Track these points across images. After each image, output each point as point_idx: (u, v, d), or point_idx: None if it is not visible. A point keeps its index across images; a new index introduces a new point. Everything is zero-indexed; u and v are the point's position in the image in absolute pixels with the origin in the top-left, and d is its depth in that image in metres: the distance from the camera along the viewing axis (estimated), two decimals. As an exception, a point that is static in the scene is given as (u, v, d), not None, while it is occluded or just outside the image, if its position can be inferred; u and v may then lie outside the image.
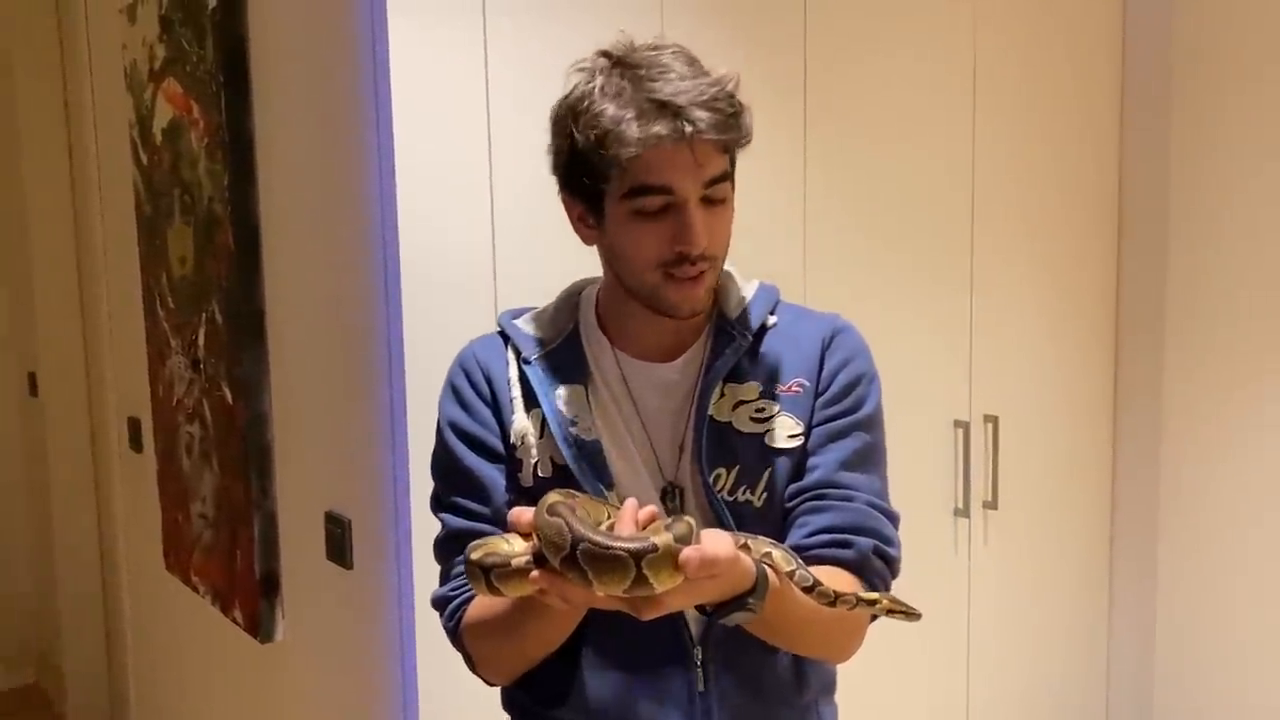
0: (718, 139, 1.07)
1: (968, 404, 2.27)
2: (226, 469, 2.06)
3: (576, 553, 0.88)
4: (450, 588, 1.18)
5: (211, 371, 2.08)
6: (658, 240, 1.10)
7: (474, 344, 1.23)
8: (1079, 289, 2.46)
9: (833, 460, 1.18)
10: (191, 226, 2.11)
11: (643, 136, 1.05)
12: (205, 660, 2.45)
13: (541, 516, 0.92)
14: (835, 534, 1.15)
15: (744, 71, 1.72)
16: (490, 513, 1.16)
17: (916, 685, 2.27)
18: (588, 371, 1.19)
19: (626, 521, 0.94)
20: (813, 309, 1.30)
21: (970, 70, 2.19)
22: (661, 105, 1.06)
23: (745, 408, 1.18)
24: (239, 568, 2.04)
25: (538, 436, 1.16)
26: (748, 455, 1.16)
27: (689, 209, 1.09)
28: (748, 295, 1.25)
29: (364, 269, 1.65)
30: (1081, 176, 2.44)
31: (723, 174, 1.11)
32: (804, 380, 1.20)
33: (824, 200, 1.99)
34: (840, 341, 1.23)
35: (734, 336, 1.19)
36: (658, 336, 1.19)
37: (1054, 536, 2.49)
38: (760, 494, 1.16)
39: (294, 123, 1.84)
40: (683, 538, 0.91)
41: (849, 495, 1.17)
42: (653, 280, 1.12)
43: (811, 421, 1.19)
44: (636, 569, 0.88)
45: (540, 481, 1.16)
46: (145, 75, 2.26)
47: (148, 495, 2.56)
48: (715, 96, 1.07)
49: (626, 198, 1.09)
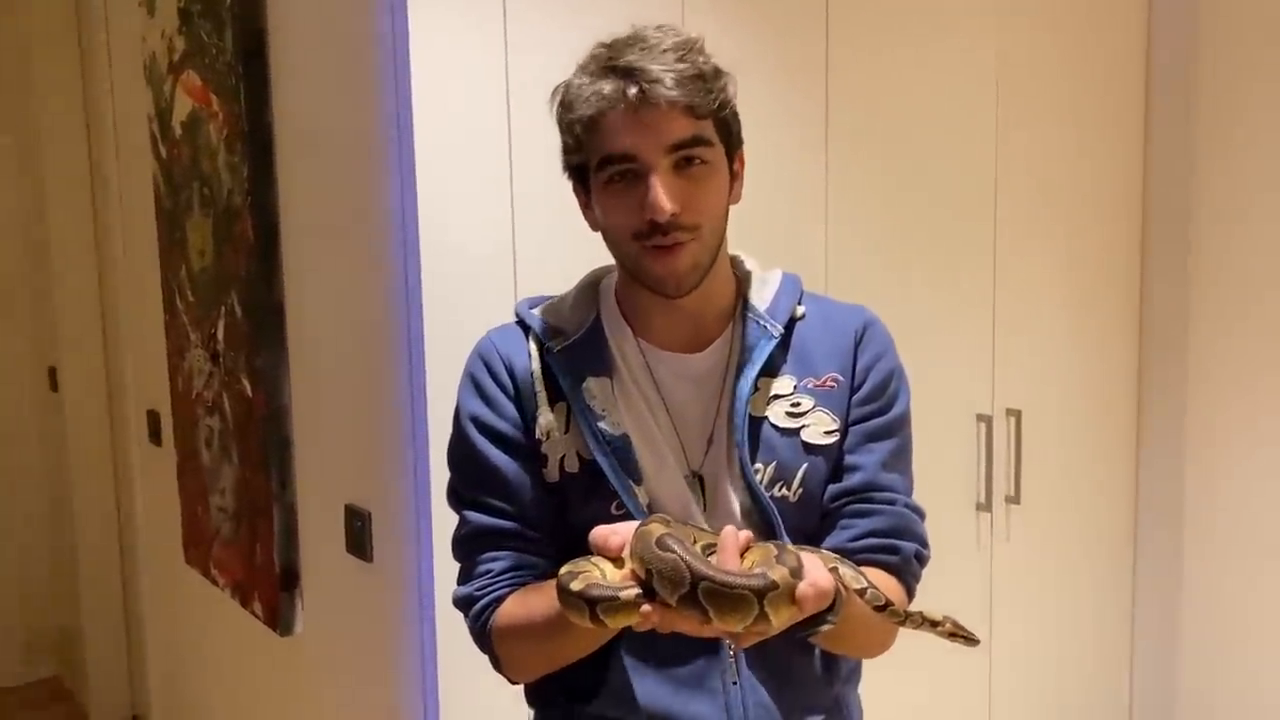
0: (671, 96, 1.05)
1: (990, 398, 2.25)
2: (246, 462, 2.06)
3: (697, 591, 0.88)
4: (476, 587, 1.15)
5: (231, 364, 2.08)
6: (628, 209, 1.08)
7: (492, 334, 1.21)
8: (1103, 282, 2.44)
9: (874, 462, 1.17)
10: (211, 219, 2.11)
11: (588, 96, 1.07)
12: (225, 652, 2.46)
13: (651, 550, 0.91)
14: (881, 538, 1.15)
15: (766, 61, 1.72)
16: (515, 509, 1.15)
17: (939, 680, 2.25)
18: (613, 363, 1.16)
19: (731, 552, 0.94)
20: (836, 299, 1.28)
21: (994, 61, 2.17)
22: (614, 69, 1.07)
23: (780, 402, 1.16)
24: (259, 560, 2.04)
25: (563, 431, 1.14)
26: (784, 451, 1.15)
27: (653, 175, 1.07)
28: (773, 285, 1.22)
29: (384, 261, 1.64)
30: (1106, 168, 2.41)
31: (692, 139, 1.08)
32: (839, 375, 1.18)
33: (846, 193, 1.98)
34: (872, 335, 1.21)
35: (765, 328, 1.17)
36: (681, 325, 1.17)
37: (1077, 531, 2.47)
38: (796, 490, 1.15)
39: (314, 115, 1.84)
40: (796, 571, 0.91)
41: (891, 498, 1.17)
42: (632, 252, 1.10)
43: (848, 418, 1.17)
44: (759, 606, 0.88)
45: (567, 477, 1.14)
46: (164, 68, 2.26)
47: (167, 488, 2.56)
48: (675, 60, 1.06)
49: (599, 170, 1.10)
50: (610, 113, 1.06)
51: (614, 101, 1.06)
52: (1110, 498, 2.53)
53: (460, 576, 1.19)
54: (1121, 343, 2.50)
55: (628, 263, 1.13)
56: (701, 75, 1.08)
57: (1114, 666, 2.58)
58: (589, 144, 1.09)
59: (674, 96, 1.05)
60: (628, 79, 1.05)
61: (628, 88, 1.05)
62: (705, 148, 1.09)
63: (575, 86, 1.09)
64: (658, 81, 1.05)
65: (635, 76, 1.05)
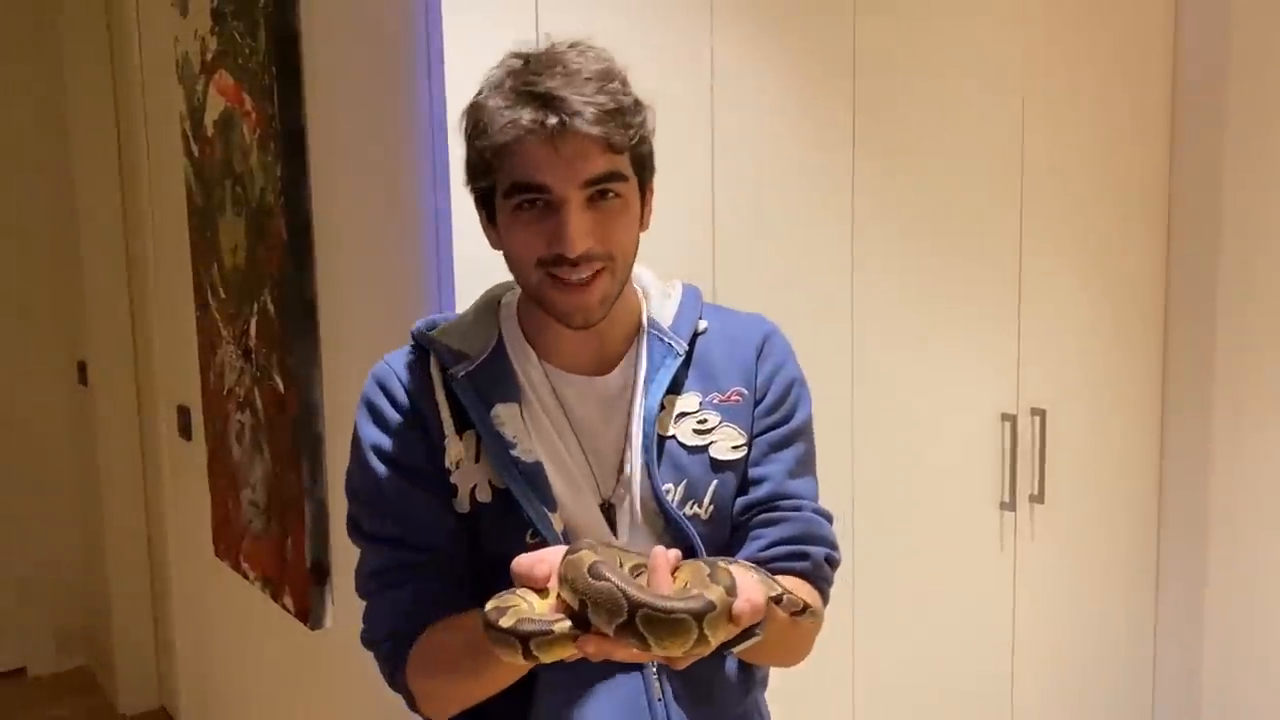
0: (590, 132, 1.02)
1: (1015, 397, 2.25)
2: (278, 457, 2.09)
3: (635, 619, 0.86)
4: (384, 622, 1.12)
5: (263, 361, 2.11)
6: (535, 237, 1.05)
7: (390, 359, 1.16)
8: (1128, 280, 2.43)
9: (780, 471, 1.17)
10: (243, 218, 2.14)
11: (504, 124, 1.02)
12: (254, 646, 2.48)
13: (584, 580, 0.88)
14: (791, 545, 1.15)
15: (792, 53, 1.69)
16: (422, 539, 1.11)
17: (962, 681, 2.25)
18: (519, 387, 1.13)
19: (663, 573, 0.92)
20: (733, 309, 1.27)
21: (1020, 61, 2.17)
22: (533, 96, 1.03)
23: (687, 420, 1.15)
24: (289, 555, 2.07)
25: (473, 461, 1.11)
26: (693, 469, 1.14)
27: (566, 209, 1.04)
28: (675, 300, 1.20)
29: (417, 259, 1.65)
30: (1131, 167, 2.41)
31: (607, 174, 1.05)
32: (742, 389, 1.18)
33: (871, 193, 1.98)
34: (772, 346, 1.21)
35: (669, 345, 1.16)
36: (585, 347, 1.14)
37: (1101, 531, 2.46)
38: (707, 508, 1.15)
39: (346, 113, 1.85)
40: (731, 589, 0.90)
41: (798, 505, 1.17)
42: (536, 281, 1.07)
43: (752, 430, 1.18)
44: (699, 629, 0.86)
45: (479, 507, 1.11)
46: (197, 68, 2.29)
47: (197, 483, 2.59)
48: (595, 91, 1.03)
49: (507, 196, 1.06)
50: (526, 141, 1.02)
51: (531, 131, 1.01)
52: (1134, 497, 2.52)
53: (366, 614, 1.14)
54: (1146, 342, 2.49)
55: (533, 291, 1.09)
56: (621, 109, 1.04)
57: (1137, 666, 2.58)
58: (500, 169, 1.06)
59: (593, 133, 1.02)
60: (547, 109, 1.01)
61: (547, 118, 1.01)
62: (620, 182, 1.06)
63: (491, 110, 1.04)
64: (577, 114, 1.01)
65: (555, 106, 1.01)
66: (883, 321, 2.02)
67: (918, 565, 2.14)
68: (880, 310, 2.02)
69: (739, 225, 1.82)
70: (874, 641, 2.07)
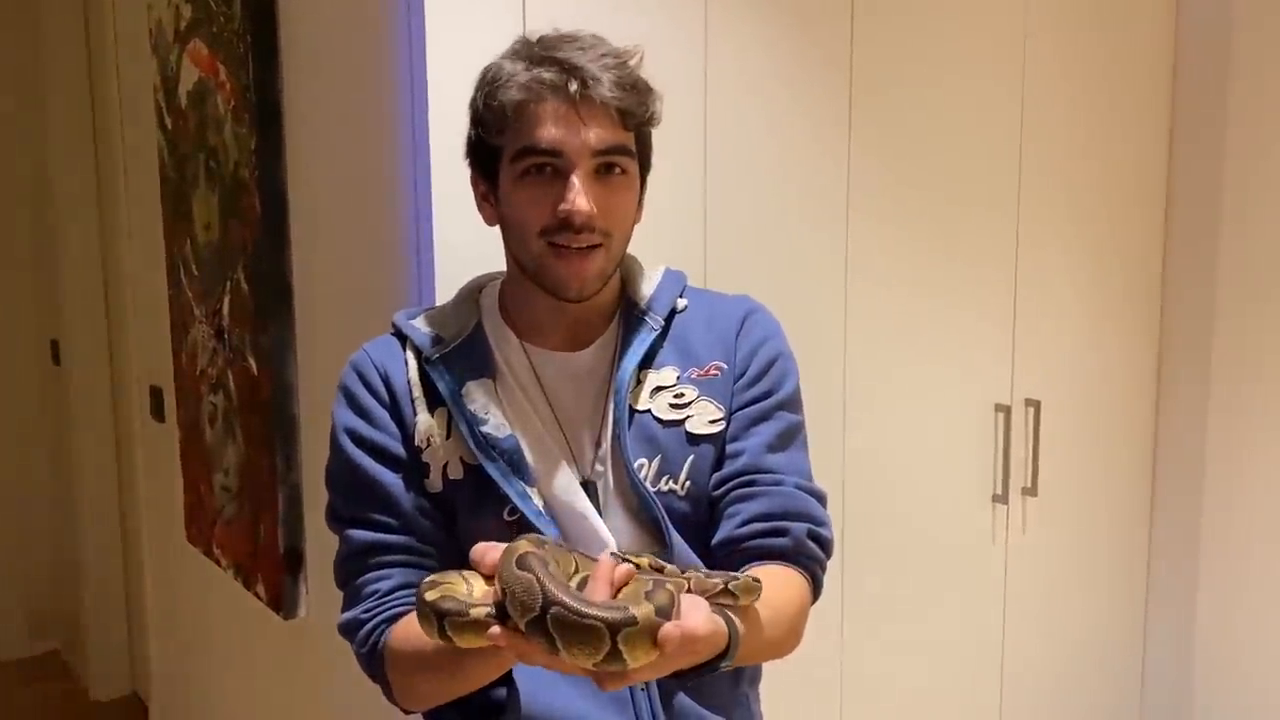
0: (608, 98, 1.04)
1: (1009, 388, 2.21)
2: (250, 441, 2.02)
3: (547, 616, 0.79)
4: (362, 609, 1.10)
5: (236, 341, 2.04)
6: (542, 203, 1.06)
7: (366, 346, 1.17)
8: (1124, 271, 2.40)
9: (758, 444, 1.13)
10: (217, 192, 2.06)
11: (527, 81, 1.04)
12: (227, 634, 2.43)
13: (509, 568, 0.83)
14: (768, 521, 1.10)
15: (788, 48, 1.67)
16: (399, 524, 1.10)
17: (952, 674, 2.22)
18: (495, 366, 1.13)
19: (601, 582, 0.85)
20: (722, 292, 1.26)
21: (1019, 51, 2.12)
22: (554, 61, 1.05)
23: (663, 394, 1.13)
24: (262, 541, 2.01)
25: (444, 437, 1.10)
26: (668, 444, 1.12)
27: (574, 175, 1.05)
28: (655, 280, 1.20)
29: (395, 237, 1.60)
30: (1129, 159, 2.37)
31: (619, 147, 1.07)
32: (721, 363, 1.16)
33: (867, 184, 1.93)
34: (754, 321, 1.19)
35: (646, 321, 1.15)
36: (565, 325, 1.14)
37: (1093, 525, 2.43)
38: (684, 483, 1.12)
39: (324, 85, 1.79)
40: (664, 609, 0.82)
41: (778, 479, 1.13)
42: (538, 250, 1.08)
43: (732, 406, 1.15)
44: (611, 642, 0.79)
45: (451, 485, 1.10)
46: (171, 36, 2.21)
47: (169, 465, 2.53)
48: (613, 65, 1.06)
49: (516, 160, 1.07)
50: (545, 102, 1.04)
51: (553, 91, 1.04)
52: (1127, 490, 2.49)
53: (345, 602, 1.13)
54: (1143, 333, 2.46)
55: (528, 260, 1.10)
56: (638, 86, 1.07)
57: (1128, 659, 2.55)
58: (512, 130, 1.06)
59: (612, 98, 1.04)
60: (570, 73, 1.04)
61: (569, 81, 1.03)
62: (627, 158, 1.08)
63: (510, 70, 1.06)
64: (598, 80, 1.04)
65: (578, 72, 1.04)
66: (876, 312, 1.98)
67: (909, 558, 2.11)
68: (874, 301, 1.98)
69: (732, 217, 1.78)
70: (863, 634, 2.04)
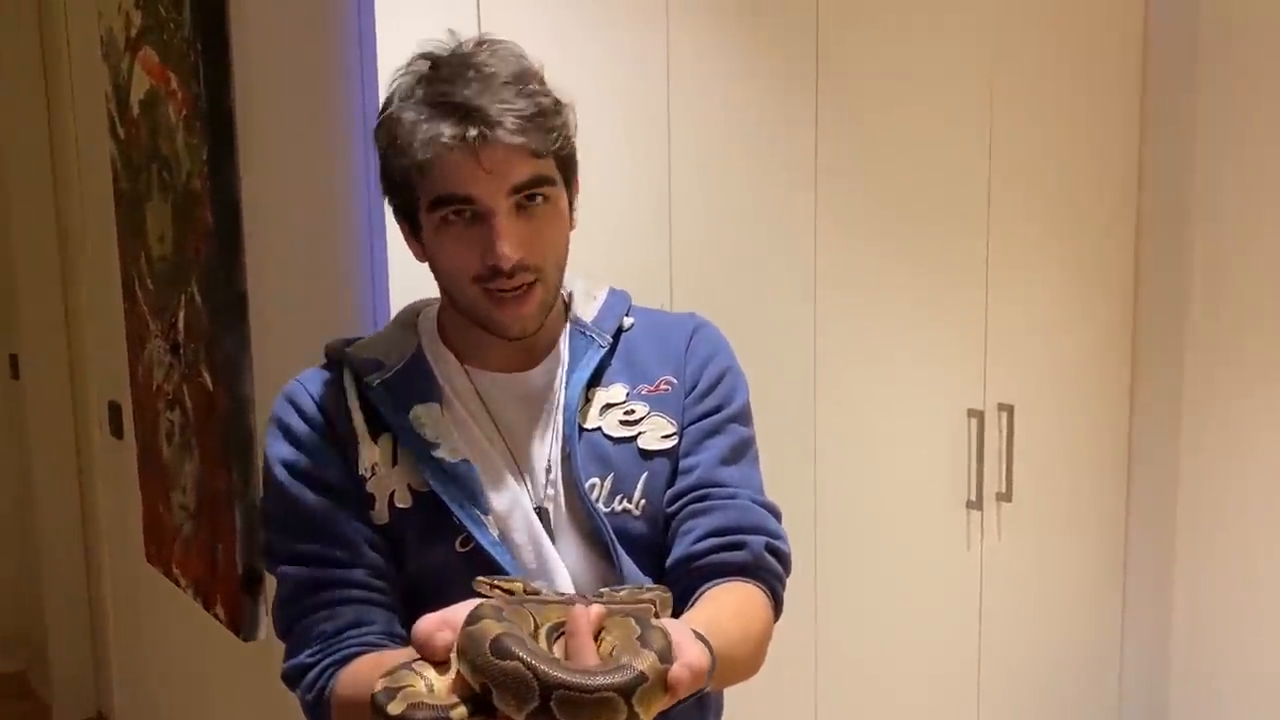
0: (512, 142, 0.98)
1: (982, 393, 2.18)
2: (207, 458, 1.97)
3: (550, 704, 0.72)
4: (307, 654, 1.02)
5: (191, 356, 1.99)
6: (466, 250, 1.01)
7: (301, 377, 1.11)
8: (1097, 275, 2.38)
9: (711, 458, 1.10)
10: (170, 203, 2.01)
11: (425, 140, 0.98)
12: (188, 655, 2.37)
13: (485, 657, 0.74)
14: (725, 535, 1.06)
15: (755, 54, 1.63)
16: (346, 557, 1.03)
17: (927, 680, 2.19)
18: (440, 390, 1.08)
19: (584, 638, 0.78)
20: (665, 310, 1.24)
21: (989, 53, 2.10)
22: (451, 107, 0.98)
23: (612, 411, 1.10)
24: (220, 562, 1.96)
25: (390, 465, 1.04)
26: (620, 461, 1.08)
27: (495, 219, 1.00)
28: (600, 300, 1.17)
29: (350, 248, 1.56)
30: (1100, 162, 2.35)
31: (534, 179, 1.01)
32: (671, 378, 1.12)
33: (837, 186, 1.90)
34: (702, 337, 1.16)
35: (592, 338, 1.12)
36: (510, 348, 1.09)
37: (1069, 530, 2.41)
38: (638, 502, 1.08)
39: (276, 94, 1.75)
40: (665, 653, 0.76)
41: (732, 493, 1.09)
42: (472, 295, 1.03)
43: (683, 420, 1.11)
44: (628, 708, 0.73)
45: (398, 514, 1.03)
46: (122, 44, 2.16)
47: (129, 483, 2.47)
48: (514, 94, 0.99)
49: (432, 209, 1.02)
50: (448, 157, 0.98)
51: (453, 146, 0.98)
52: (1102, 495, 2.47)
53: (289, 648, 1.06)
54: (1116, 337, 2.44)
55: (464, 305, 1.05)
56: (543, 113, 1.01)
57: (1104, 665, 2.53)
58: (422, 185, 1.01)
59: (516, 142, 0.98)
60: (466, 121, 0.98)
61: (467, 130, 0.97)
62: (548, 186, 1.03)
63: (407, 125, 1.00)
64: (498, 124, 0.97)
65: (475, 118, 0.98)
66: (847, 319, 1.96)
67: (882, 564, 2.08)
68: (844, 308, 1.95)
69: (697, 223, 1.74)
70: (837, 641, 2.01)
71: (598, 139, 1.59)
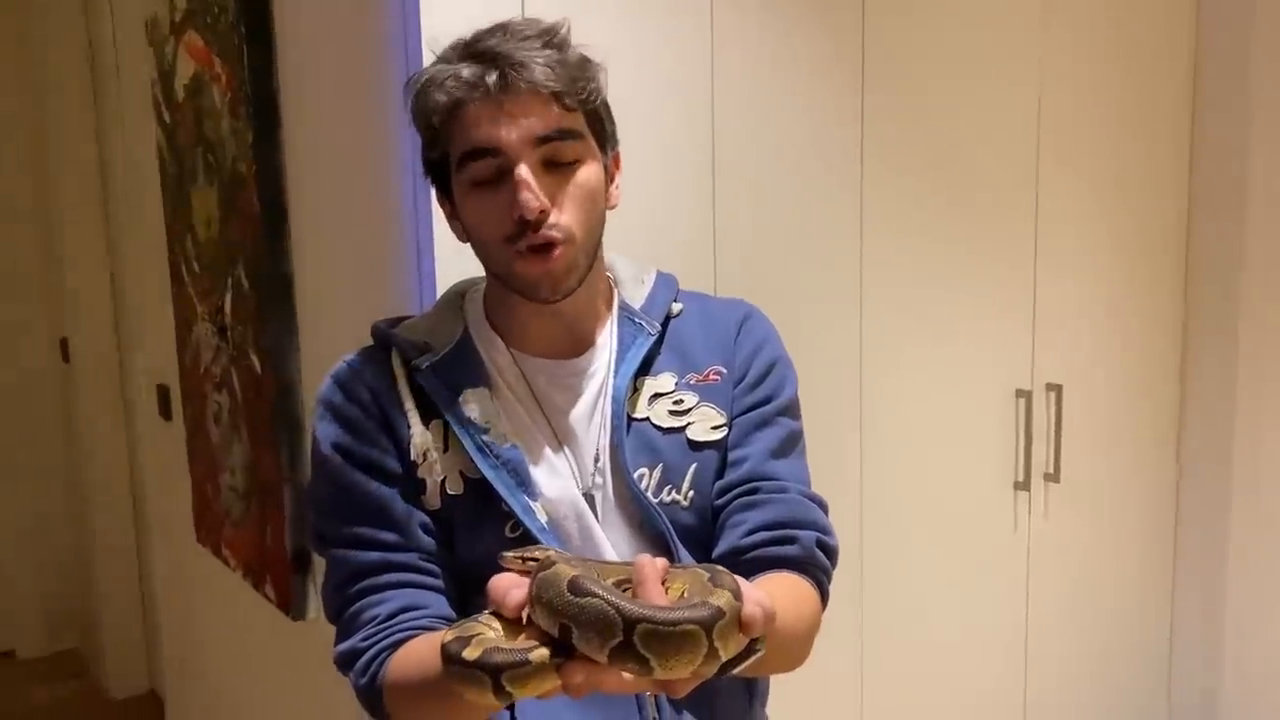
0: (538, 81, 0.97)
1: (1030, 372, 2.15)
2: (256, 440, 1.99)
3: (634, 637, 0.72)
4: (360, 638, 1.01)
5: (239, 339, 2.01)
6: (496, 212, 1.00)
7: (346, 358, 1.10)
8: (1146, 256, 2.34)
9: (761, 450, 1.08)
10: (216, 187, 2.03)
11: (444, 83, 0.99)
12: (238, 634, 2.40)
13: (564, 598, 0.74)
14: (776, 529, 1.05)
15: (802, 33, 1.61)
16: (400, 541, 1.02)
17: (974, 663, 2.17)
18: (488, 375, 1.07)
19: (652, 583, 0.78)
20: (714, 296, 1.21)
21: (1038, 29, 2.06)
22: (477, 54, 0.99)
23: (661, 401, 1.08)
24: (270, 543, 1.98)
25: (442, 450, 1.03)
26: (669, 452, 1.06)
27: (520, 168, 0.98)
28: (648, 285, 1.14)
29: (395, 229, 1.56)
30: (1149, 142, 2.31)
31: (560, 130, 0.99)
32: (721, 368, 1.10)
33: (884, 167, 1.88)
34: (752, 325, 1.14)
35: (641, 326, 1.10)
36: (556, 332, 1.08)
37: (1117, 510, 2.38)
38: (686, 493, 1.06)
39: (320, 76, 1.75)
40: (737, 593, 0.77)
41: (783, 486, 1.07)
42: (504, 258, 1.02)
43: (732, 411, 1.09)
44: (709, 641, 0.73)
45: (449, 501, 1.03)
46: (167, 29, 2.17)
47: (178, 465, 2.50)
48: (540, 45, 0.99)
49: (461, 169, 1.01)
50: (470, 102, 0.98)
51: (474, 88, 0.98)
52: (1152, 475, 2.44)
53: (340, 631, 1.05)
54: (1166, 314, 2.40)
55: (500, 270, 1.04)
56: (567, 62, 1.00)
57: (1154, 648, 2.50)
58: (447, 137, 1.01)
59: (538, 81, 0.97)
60: (489, 64, 0.98)
61: (487, 73, 0.98)
62: (576, 142, 1.01)
63: (432, 74, 1.01)
64: (521, 66, 0.97)
65: (497, 62, 0.98)
66: (894, 299, 1.93)
67: (929, 545, 2.06)
68: (891, 286, 1.93)
69: (741, 205, 1.73)
70: (884, 621, 2.00)
71: (643, 122, 1.59)
